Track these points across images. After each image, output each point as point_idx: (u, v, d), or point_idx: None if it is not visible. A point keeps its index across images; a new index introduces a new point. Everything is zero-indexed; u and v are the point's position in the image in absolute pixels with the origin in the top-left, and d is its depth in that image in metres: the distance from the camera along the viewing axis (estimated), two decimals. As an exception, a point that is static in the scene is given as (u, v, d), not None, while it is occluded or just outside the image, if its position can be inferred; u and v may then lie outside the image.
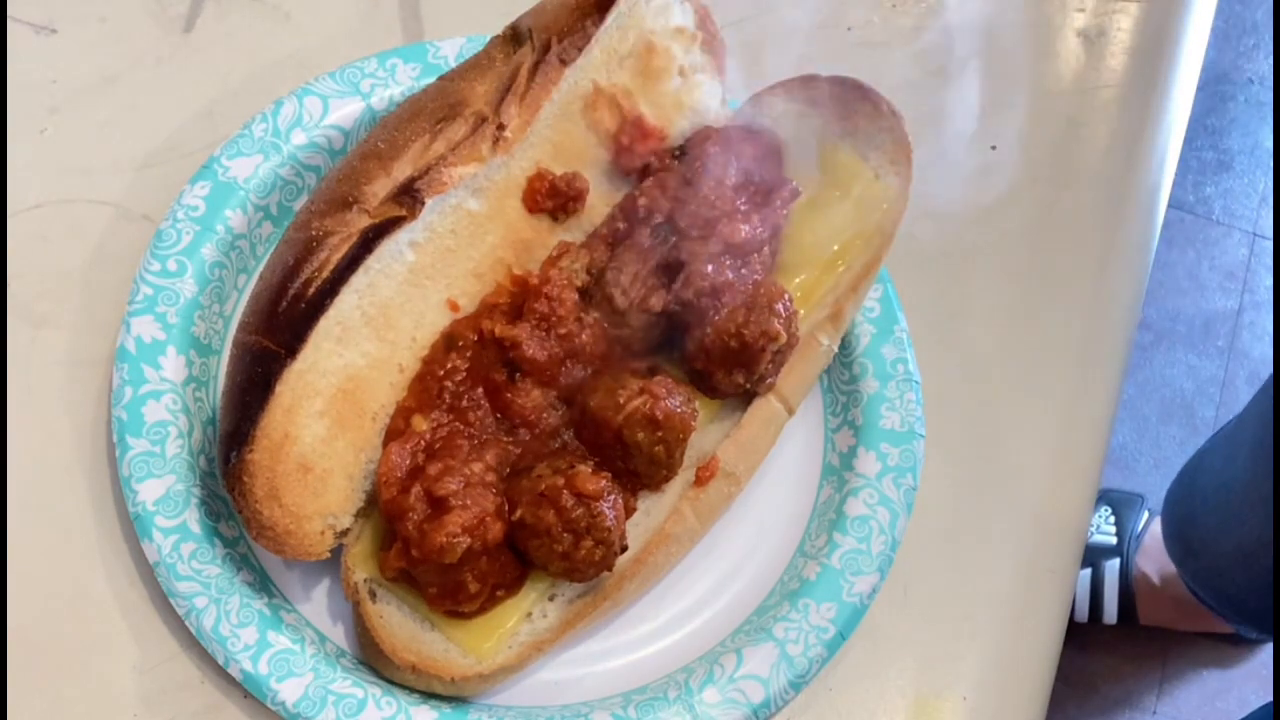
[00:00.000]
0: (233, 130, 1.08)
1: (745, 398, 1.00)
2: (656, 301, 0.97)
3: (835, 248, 1.04)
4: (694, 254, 0.97)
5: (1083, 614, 2.32)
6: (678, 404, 0.93)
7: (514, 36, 1.02)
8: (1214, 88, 2.95)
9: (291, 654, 0.93)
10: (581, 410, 0.94)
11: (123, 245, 1.09)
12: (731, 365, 0.96)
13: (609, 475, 0.92)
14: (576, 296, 0.98)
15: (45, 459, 1.02)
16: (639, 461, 0.93)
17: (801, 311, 1.01)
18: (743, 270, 0.98)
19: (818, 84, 1.06)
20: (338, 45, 1.18)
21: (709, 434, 1.00)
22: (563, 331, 0.96)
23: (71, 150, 1.13)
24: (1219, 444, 1.95)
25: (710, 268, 0.96)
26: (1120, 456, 2.61)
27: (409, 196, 0.94)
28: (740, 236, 0.98)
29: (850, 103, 1.06)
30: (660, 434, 0.92)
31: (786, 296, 0.97)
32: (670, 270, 0.98)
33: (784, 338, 0.96)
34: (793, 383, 1.01)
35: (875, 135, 1.06)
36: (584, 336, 0.97)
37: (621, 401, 0.92)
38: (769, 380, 0.99)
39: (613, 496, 0.91)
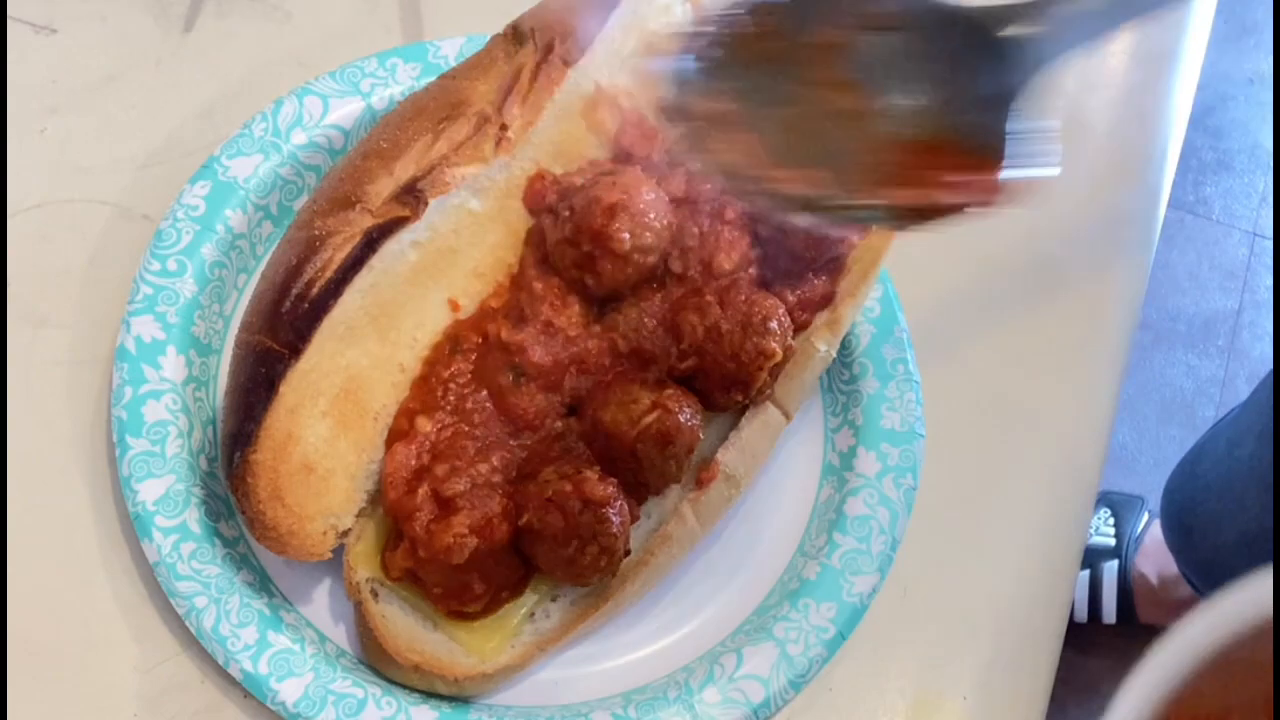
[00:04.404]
0: (233, 130, 1.07)
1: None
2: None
3: (834, 249, 1.04)
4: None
5: (1082, 616, 2.32)
6: (688, 418, 0.93)
7: (515, 35, 1.01)
8: (1214, 88, 2.95)
9: (291, 654, 0.92)
10: (593, 423, 0.94)
11: (123, 245, 1.09)
12: (729, 385, 0.96)
13: (615, 482, 0.92)
14: (580, 303, 0.97)
15: (45, 459, 1.01)
16: (650, 474, 0.93)
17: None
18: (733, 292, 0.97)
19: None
20: (338, 45, 1.18)
21: (708, 437, 1.00)
22: (571, 335, 0.96)
23: (71, 150, 1.12)
24: (1222, 430, 1.92)
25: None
26: (1120, 456, 2.61)
27: (412, 196, 0.94)
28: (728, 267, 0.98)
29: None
30: (673, 448, 0.92)
31: (781, 311, 0.97)
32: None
33: (780, 355, 0.96)
34: (791, 389, 1.01)
35: (874, 137, 1.06)
36: (589, 343, 0.97)
37: (635, 416, 0.92)
38: (767, 392, 0.99)
39: (619, 503, 0.91)
